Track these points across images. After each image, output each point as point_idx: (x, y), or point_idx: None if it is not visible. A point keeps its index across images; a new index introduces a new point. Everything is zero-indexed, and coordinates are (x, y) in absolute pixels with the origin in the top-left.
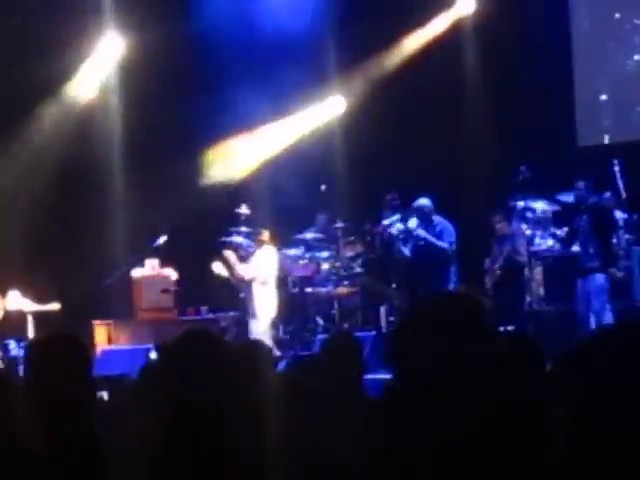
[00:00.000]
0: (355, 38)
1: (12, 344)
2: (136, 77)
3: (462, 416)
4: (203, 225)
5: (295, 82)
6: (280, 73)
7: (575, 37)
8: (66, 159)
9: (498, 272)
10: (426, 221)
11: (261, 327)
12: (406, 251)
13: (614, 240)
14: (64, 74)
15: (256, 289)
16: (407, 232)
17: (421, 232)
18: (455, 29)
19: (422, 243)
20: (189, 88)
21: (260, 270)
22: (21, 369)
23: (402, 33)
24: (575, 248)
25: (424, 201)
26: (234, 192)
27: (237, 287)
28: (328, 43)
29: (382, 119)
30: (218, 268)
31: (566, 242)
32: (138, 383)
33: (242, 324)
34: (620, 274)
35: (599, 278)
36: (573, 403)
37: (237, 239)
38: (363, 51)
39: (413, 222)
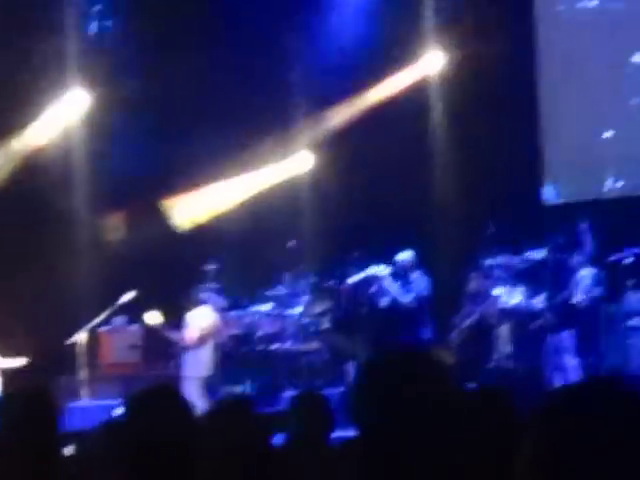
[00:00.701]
0: (322, 91)
1: None
2: (101, 127)
3: (427, 472)
4: (172, 280)
5: (262, 135)
6: (247, 125)
7: (542, 96)
8: (25, 210)
9: (467, 330)
10: (402, 276)
11: (193, 387)
12: (377, 307)
13: (577, 295)
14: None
15: (191, 349)
16: (379, 288)
17: (392, 288)
18: (422, 84)
19: (391, 301)
20: (155, 137)
21: (195, 331)
22: None
23: (369, 86)
24: (542, 304)
25: (405, 255)
26: (202, 246)
27: (164, 344)
28: (296, 95)
29: (350, 174)
30: (152, 319)
31: (532, 299)
32: (103, 438)
33: (209, 381)
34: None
35: (564, 334)
36: (538, 460)
37: (205, 295)
38: (331, 104)
39: (384, 270)
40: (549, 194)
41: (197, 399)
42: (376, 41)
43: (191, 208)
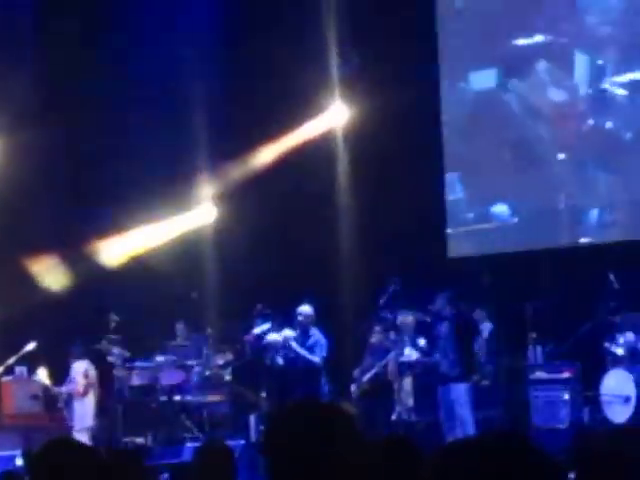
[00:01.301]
0: (226, 140)
1: None
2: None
3: None
4: (73, 330)
5: (165, 188)
6: (151, 176)
7: (447, 150)
8: None
9: (366, 384)
10: (302, 329)
11: (82, 438)
12: (280, 360)
13: (476, 348)
14: None
15: (75, 401)
16: (282, 342)
17: (294, 345)
18: (327, 136)
19: (293, 355)
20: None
21: (78, 382)
22: None
23: (273, 137)
24: (440, 357)
25: (306, 308)
26: (104, 297)
27: (56, 398)
28: (199, 145)
29: (254, 226)
30: (42, 376)
31: (427, 351)
32: None
33: (111, 430)
34: (485, 382)
35: (460, 387)
36: None
37: (107, 346)
38: (233, 156)
39: (289, 332)
40: (453, 247)
41: None
42: (280, 93)
43: (95, 258)
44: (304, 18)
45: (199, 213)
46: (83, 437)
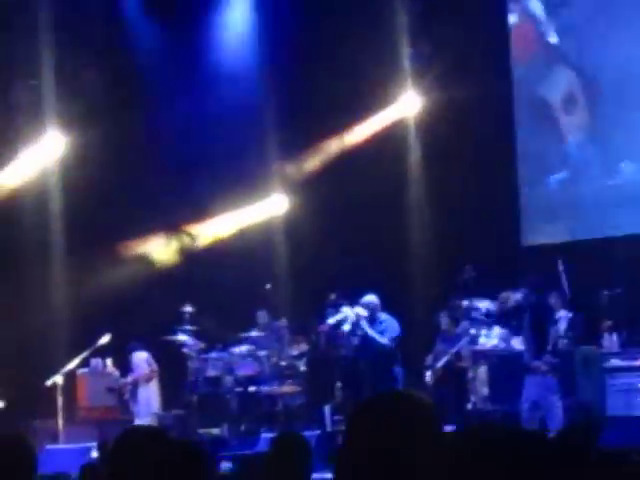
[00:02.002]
0: (296, 134)
1: None
2: (78, 170)
3: None
4: (148, 322)
5: (238, 178)
6: (222, 168)
7: (520, 137)
8: (2, 253)
9: (440, 371)
10: (371, 317)
11: None
12: (356, 342)
13: (553, 336)
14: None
15: (140, 388)
16: (355, 318)
17: (364, 324)
18: (398, 127)
19: (363, 335)
20: (132, 180)
21: (142, 368)
22: None
23: (344, 128)
24: (519, 346)
25: (370, 297)
26: (179, 288)
27: (121, 389)
28: (270, 137)
29: (325, 216)
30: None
31: (508, 341)
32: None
33: (186, 422)
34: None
35: (544, 376)
36: None
37: (182, 337)
38: (304, 147)
39: (362, 311)
40: (528, 235)
41: None
42: (352, 84)
43: (167, 250)
44: (376, 7)
45: (271, 203)
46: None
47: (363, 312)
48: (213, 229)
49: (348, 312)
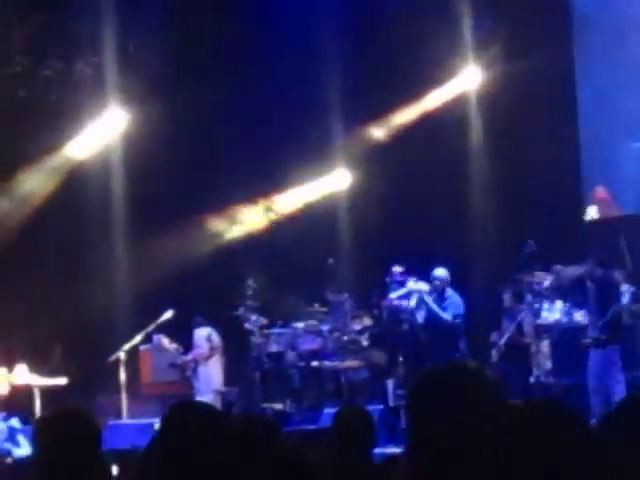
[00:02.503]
0: (359, 109)
1: (15, 422)
2: (140, 145)
3: None
4: (211, 297)
5: (299, 154)
6: (283, 145)
7: (582, 113)
8: (66, 229)
9: (503, 347)
10: (439, 292)
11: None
12: (419, 317)
13: (620, 312)
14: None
15: (200, 366)
16: (417, 293)
17: (428, 300)
18: (460, 101)
19: (426, 310)
20: (195, 156)
21: (202, 347)
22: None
23: (405, 103)
24: (582, 320)
25: (441, 272)
26: (241, 264)
27: (183, 365)
28: (333, 112)
29: (387, 191)
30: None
31: (570, 314)
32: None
33: (249, 398)
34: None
35: (608, 350)
36: None
37: (245, 312)
38: (366, 121)
39: (424, 285)
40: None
41: None
42: (413, 58)
43: (231, 226)
44: None
45: (334, 179)
46: (209, 401)
47: (425, 287)
48: (277, 205)
49: (412, 286)
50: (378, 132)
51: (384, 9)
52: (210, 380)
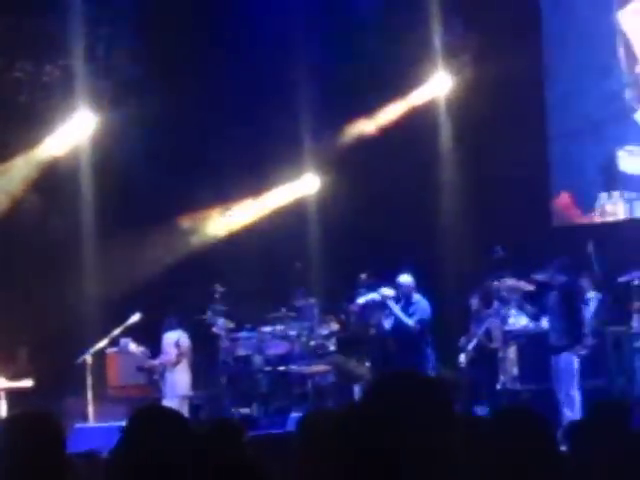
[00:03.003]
0: (328, 114)
1: None
2: (109, 148)
3: None
4: (177, 301)
5: (268, 159)
6: (253, 149)
7: (550, 116)
8: (34, 231)
9: (472, 352)
10: (406, 298)
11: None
12: (387, 324)
13: (582, 318)
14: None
15: (168, 371)
16: (380, 300)
17: (391, 304)
18: (430, 106)
19: (393, 318)
20: (164, 160)
21: (170, 353)
22: None
23: (376, 108)
24: (548, 326)
25: (405, 278)
26: (209, 268)
27: (150, 369)
28: (302, 118)
29: (356, 196)
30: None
31: (539, 321)
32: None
33: (217, 402)
34: (583, 351)
35: (567, 357)
36: None
37: (212, 317)
38: (336, 127)
39: (389, 291)
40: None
41: None
42: (383, 64)
43: (197, 231)
44: None
45: (302, 183)
46: (175, 407)
47: (390, 292)
48: (245, 209)
49: (374, 295)
50: (347, 137)
51: (355, 16)
52: (177, 385)
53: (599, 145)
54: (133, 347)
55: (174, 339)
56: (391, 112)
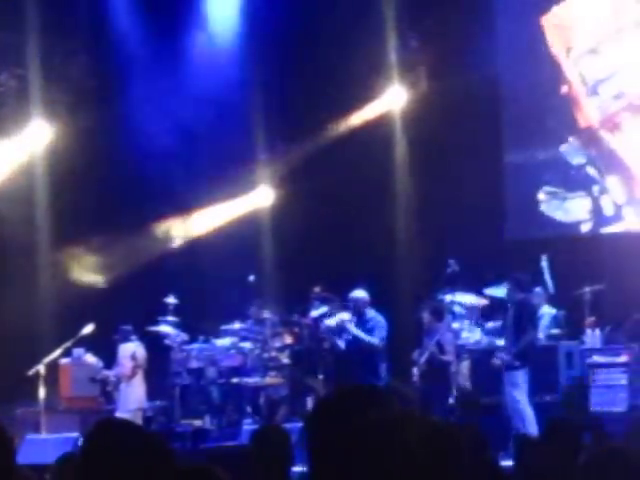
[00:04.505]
0: (283, 125)
1: None
2: (64, 158)
3: None
4: (130, 313)
5: (222, 171)
6: (206, 161)
7: (505, 130)
8: None
9: (424, 366)
10: (359, 313)
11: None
12: (341, 344)
13: (535, 336)
14: None
15: (122, 383)
16: (339, 326)
17: (352, 327)
18: (385, 120)
19: (351, 338)
20: (118, 170)
21: (125, 365)
22: None
23: (330, 122)
24: (501, 342)
25: (360, 293)
26: (162, 280)
27: (104, 380)
28: (256, 130)
29: (310, 209)
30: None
31: (493, 336)
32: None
33: (169, 413)
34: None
35: (516, 374)
36: None
37: (165, 328)
38: (290, 139)
39: (346, 315)
40: (512, 229)
41: None
42: (338, 77)
43: (151, 241)
44: (364, 0)
45: (256, 196)
46: (130, 417)
47: (347, 316)
48: (199, 221)
49: (330, 322)
50: (302, 150)
51: (310, 30)
52: (131, 397)
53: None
54: (89, 358)
55: (130, 351)
56: (345, 126)
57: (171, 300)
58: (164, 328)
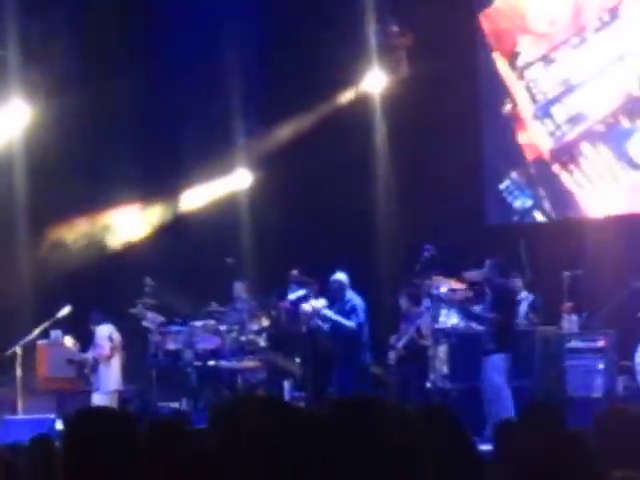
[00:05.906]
0: (262, 108)
1: None
2: (43, 140)
3: None
4: (108, 295)
5: (200, 153)
6: (184, 141)
7: (485, 116)
8: None
9: (402, 350)
10: (338, 296)
11: (105, 401)
12: (325, 326)
13: (513, 321)
14: None
15: (100, 365)
16: (313, 312)
17: (328, 312)
18: (364, 104)
19: (328, 323)
20: (95, 153)
21: (104, 346)
22: None
23: (309, 105)
24: (478, 327)
25: (340, 275)
26: (140, 262)
27: (81, 362)
28: (235, 113)
29: (289, 193)
30: (68, 343)
31: (470, 320)
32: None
33: (146, 396)
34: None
35: (496, 358)
36: None
37: (142, 311)
38: (269, 122)
39: (320, 302)
40: (491, 214)
41: None
42: (318, 61)
43: (130, 224)
44: None
45: (234, 179)
46: (106, 401)
47: (321, 303)
48: (177, 203)
49: (306, 308)
50: (281, 133)
51: (289, 12)
52: (109, 379)
53: None
54: (64, 339)
55: (107, 332)
56: (325, 109)
57: (148, 282)
58: (141, 310)
